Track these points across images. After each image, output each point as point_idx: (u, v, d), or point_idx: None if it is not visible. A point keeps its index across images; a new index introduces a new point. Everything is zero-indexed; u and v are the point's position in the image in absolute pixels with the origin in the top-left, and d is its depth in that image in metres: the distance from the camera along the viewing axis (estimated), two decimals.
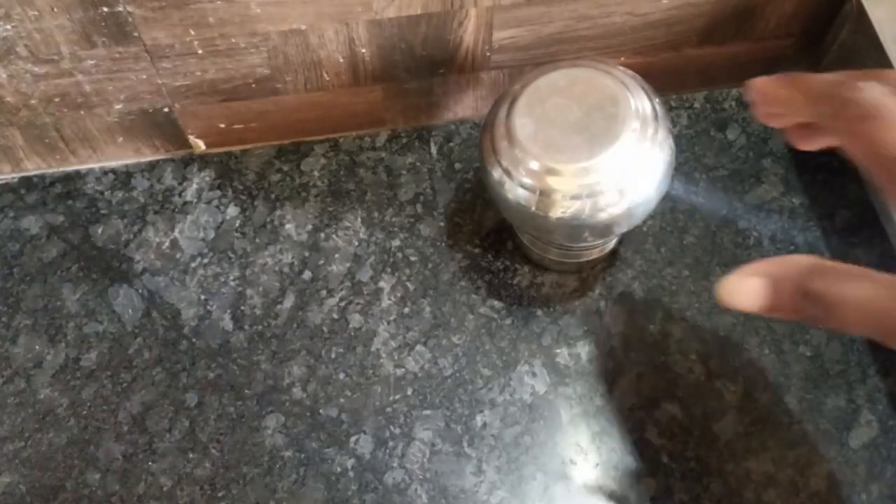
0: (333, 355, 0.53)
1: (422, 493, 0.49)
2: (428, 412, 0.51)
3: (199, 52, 0.51)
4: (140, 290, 0.55)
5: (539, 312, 0.54)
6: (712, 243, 0.56)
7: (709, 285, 0.54)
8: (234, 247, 0.56)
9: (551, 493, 0.49)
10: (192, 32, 0.50)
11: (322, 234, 0.56)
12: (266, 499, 0.49)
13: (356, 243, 0.56)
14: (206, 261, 0.56)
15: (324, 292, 0.55)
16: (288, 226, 0.57)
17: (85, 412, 0.51)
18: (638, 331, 0.54)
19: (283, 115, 0.57)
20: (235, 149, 0.59)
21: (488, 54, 0.56)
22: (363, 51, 0.53)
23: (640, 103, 0.44)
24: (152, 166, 0.59)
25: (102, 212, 0.57)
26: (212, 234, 0.56)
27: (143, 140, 0.57)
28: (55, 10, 0.47)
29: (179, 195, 0.58)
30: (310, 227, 0.57)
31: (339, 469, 0.50)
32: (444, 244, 0.56)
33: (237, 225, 0.57)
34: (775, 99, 0.35)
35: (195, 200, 0.57)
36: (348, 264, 0.56)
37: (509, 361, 0.53)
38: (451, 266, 0.55)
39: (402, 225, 0.57)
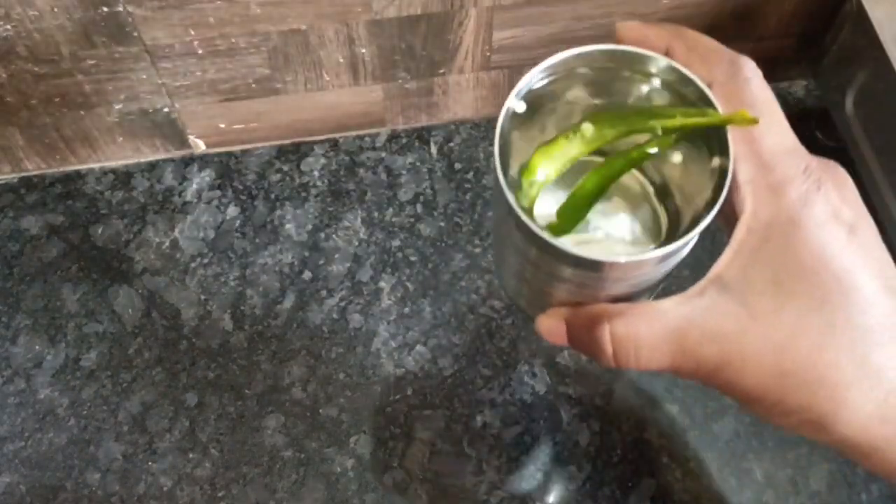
0: (333, 355, 0.53)
1: (422, 493, 0.49)
2: (428, 412, 0.51)
3: (199, 52, 0.51)
4: (140, 290, 0.55)
5: None
6: (712, 243, 0.56)
7: None
8: (234, 247, 0.56)
9: (551, 493, 0.49)
10: (192, 32, 0.50)
11: (322, 234, 0.56)
12: (266, 499, 0.49)
13: (356, 243, 0.56)
14: (206, 261, 0.56)
15: (324, 292, 0.55)
16: (288, 226, 0.57)
17: (85, 412, 0.51)
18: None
19: (283, 115, 0.57)
20: (235, 149, 0.59)
21: (488, 54, 0.56)
22: (363, 51, 0.53)
23: None
24: (152, 166, 0.59)
25: (102, 212, 0.57)
26: (212, 234, 0.56)
27: (143, 140, 0.57)
28: (55, 10, 0.47)
29: (179, 195, 0.58)
30: (310, 227, 0.57)
31: (338, 469, 0.50)
32: (444, 244, 0.56)
33: (237, 225, 0.57)
34: (646, 43, 0.33)
35: (195, 200, 0.57)
36: (348, 264, 0.56)
37: (509, 361, 0.53)
38: (451, 266, 0.55)
39: (402, 225, 0.57)
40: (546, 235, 0.30)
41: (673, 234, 0.34)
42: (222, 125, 0.57)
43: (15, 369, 0.52)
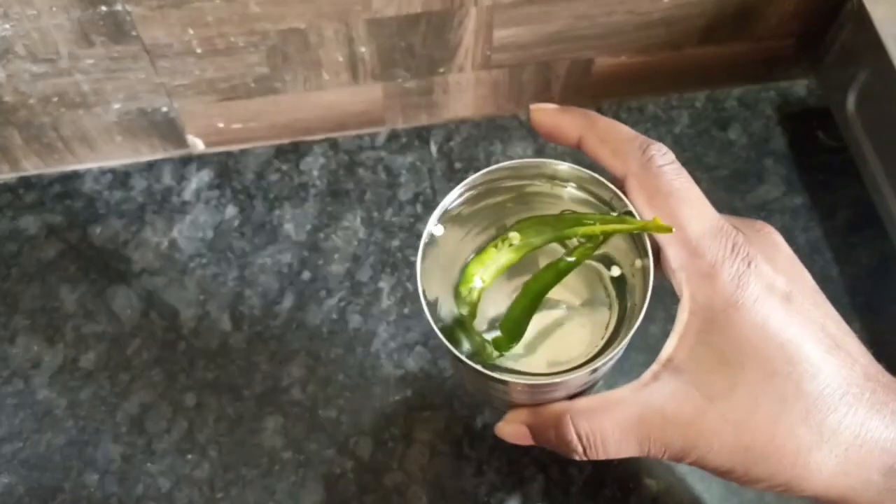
0: (333, 356, 0.53)
1: (422, 495, 0.49)
2: (428, 413, 0.51)
3: (198, 51, 0.51)
4: (138, 291, 0.54)
5: None
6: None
7: None
8: (233, 247, 0.56)
9: (552, 494, 0.49)
10: (191, 31, 0.50)
11: (321, 234, 0.56)
12: (265, 500, 0.49)
13: (356, 243, 0.56)
14: (204, 261, 0.55)
15: (323, 292, 0.54)
16: (287, 226, 0.56)
17: (83, 413, 0.51)
18: (639, 330, 0.53)
19: (282, 115, 0.57)
20: (234, 148, 0.59)
21: (488, 53, 0.55)
22: (363, 50, 0.53)
23: None
24: (151, 166, 0.58)
25: (101, 212, 0.57)
26: (210, 234, 0.56)
27: (141, 139, 0.57)
28: (54, 9, 0.47)
29: (178, 195, 0.57)
30: (309, 226, 0.56)
31: (338, 470, 0.50)
32: None
33: (236, 225, 0.56)
34: (558, 132, 0.36)
35: (194, 200, 0.57)
36: (348, 264, 0.55)
37: None
38: None
39: (402, 225, 0.57)
40: (489, 372, 0.32)
41: (622, 316, 0.36)
42: (221, 124, 0.57)
43: (13, 370, 0.52)
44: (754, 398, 0.31)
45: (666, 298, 0.44)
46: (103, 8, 0.47)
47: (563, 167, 0.35)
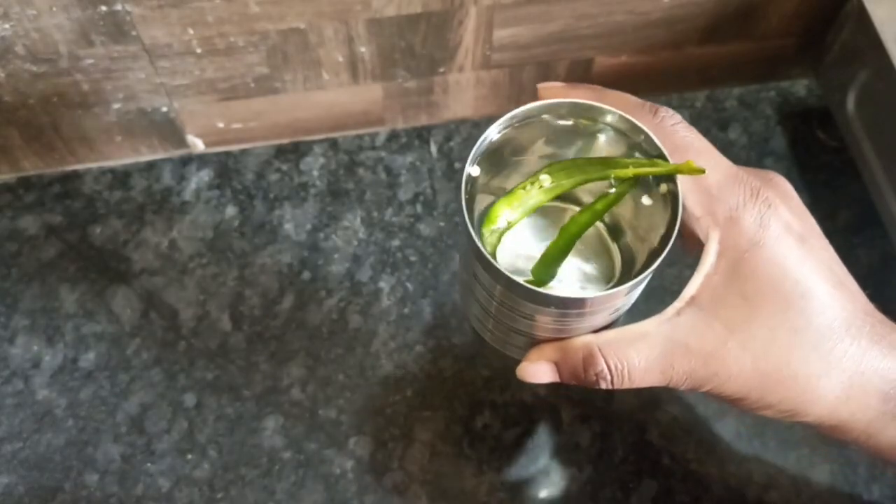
0: (333, 356, 0.53)
1: (422, 495, 0.49)
2: (427, 413, 0.51)
3: (198, 51, 0.51)
4: (138, 291, 0.54)
5: None
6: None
7: None
8: (233, 247, 0.56)
9: (552, 494, 0.49)
10: (191, 31, 0.50)
11: (321, 234, 0.56)
12: (265, 500, 0.49)
13: (355, 243, 0.56)
14: (204, 261, 0.55)
15: (323, 293, 0.54)
16: (287, 226, 0.56)
17: (83, 413, 0.51)
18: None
19: (282, 115, 0.57)
20: (234, 148, 0.59)
21: (488, 53, 0.55)
22: (363, 49, 0.53)
23: None
24: (151, 166, 0.58)
25: (101, 212, 0.57)
26: (210, 234, 0.56)
27: (141, 139, 0.57)
28: (54, 9, 0.47)
29: (178, 195, 0.57)
30: (309, 226, 0.56)
31: (338, 470, 0.50)
32: (444, 244, 0.56)
33: (236, 225, 0.56)
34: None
35: (194, 200, 0.57)
36: (347, 264, 0.55)
37: (509, 362, 0.52)
38: (451, 266, 0.55)
39: (402, 225, 0.57)
40: (535, 287, 0.32)
41: (628, 267, 0.36)
42: (221, 124, 0.57)
43: (13, 370, 0.52)
44: (771, 329, 0.34)
45: (666, 298, 0.44)
46: (103, 8, 0.47)
47: (597, 108, 0.35)
